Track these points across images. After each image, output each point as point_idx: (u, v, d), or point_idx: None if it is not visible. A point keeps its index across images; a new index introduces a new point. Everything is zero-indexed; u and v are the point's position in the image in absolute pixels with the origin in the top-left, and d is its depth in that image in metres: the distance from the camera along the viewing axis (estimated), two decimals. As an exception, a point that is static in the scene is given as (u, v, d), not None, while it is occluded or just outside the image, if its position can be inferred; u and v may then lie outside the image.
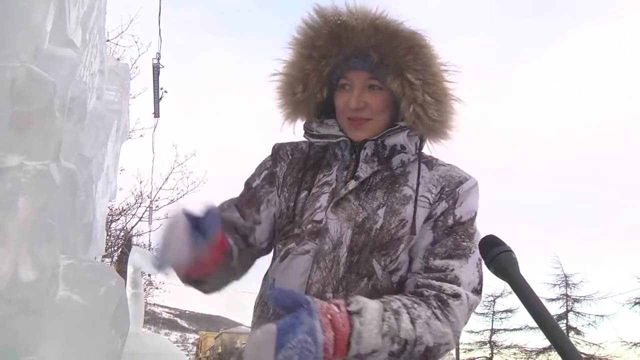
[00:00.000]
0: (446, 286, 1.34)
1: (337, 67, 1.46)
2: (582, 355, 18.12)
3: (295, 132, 1.56)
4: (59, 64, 1.56)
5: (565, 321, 18.78)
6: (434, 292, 1.33)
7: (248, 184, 1.58)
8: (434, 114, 1.41)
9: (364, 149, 1.46)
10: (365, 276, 1.38)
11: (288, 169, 1.55)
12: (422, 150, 1.50)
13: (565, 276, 19.93)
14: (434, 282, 1.35)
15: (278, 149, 1.60)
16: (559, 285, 19.76)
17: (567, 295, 19.64)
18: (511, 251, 1.07)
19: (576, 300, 19.65)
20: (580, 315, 19.32)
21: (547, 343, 19.26)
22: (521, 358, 20.14)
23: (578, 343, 18.67)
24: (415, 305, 1.29)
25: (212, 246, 1.23)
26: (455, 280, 1.36)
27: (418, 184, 1.44)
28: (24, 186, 1.29)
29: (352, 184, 1.43)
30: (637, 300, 18.11)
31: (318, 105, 1.52)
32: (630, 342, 18.28)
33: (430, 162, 1.50)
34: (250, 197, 1.54)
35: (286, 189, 1.51)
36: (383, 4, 1.41)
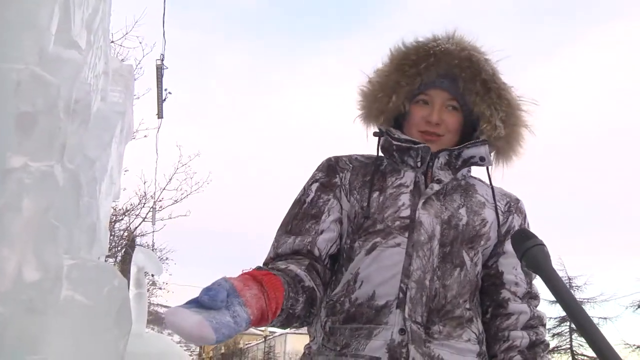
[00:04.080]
0: (544, 316, 1.55)
1: (420, 85, 1.60)
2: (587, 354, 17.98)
3: (367, 135, 1.69)
4: (63, 66, 1.57)
5: (568, 323, 18.74)
6: (544, 330, 1.53)
7: (299, 201, 1.64)
8: (509, 136, 1.57)
9: (438, 158, 1.59)
10: (458, 266, 1.48)
11: (352, 176, 1.64)
12: (492, 164, 1.64)
13: (569, 278, 19.91)
14: (540, 312, 1.54)
15: (337, 161, 1.70)
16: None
17: (571, 298, 19.60)
18: (543, 245, 1.08)
19: (580, 302, 19.62)
20: (583, 317, 19.27)
21: (550, 345, 19.21)
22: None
23: (582, 345, 18.64)
24: (548, 357, 1.51)
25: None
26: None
27: (494, 193, 1.60)
28: (28, 187, 1.30)
29: (436, 186, 1.56)
30: (641, 303, 18.07)
31: (395, 116, 1.66)
32: (634, 345, 18.25)
33: (483, 182, 1.65)
34: (306, 212, 1.60)
35: (356, 192, 1.61)
36: (476, 35, 1.62)
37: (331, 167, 1.67)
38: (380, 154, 1.67)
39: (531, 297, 1.53)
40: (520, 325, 1.50)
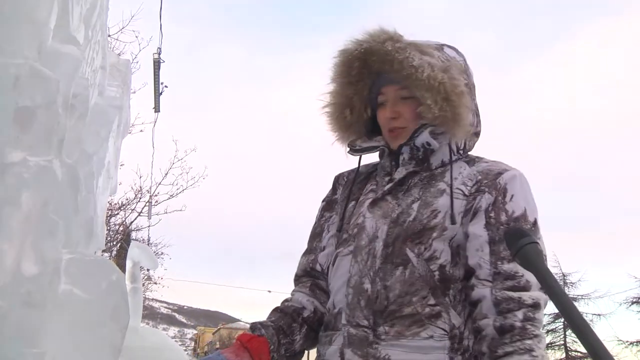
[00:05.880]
0: (525, 297, 1.36)
1: (373, 86, 1.60)
2: (582, 353, 18.09)
3: (346, 154, 1.70)
4: (62, 61, 1.57)
5: (562, 319, 18.82)
6: (520, 314, 1.34)
7: (314, 222, 1.73)
8: (444, 113, 1.50)
9: (401, 154, 1.57)
10: (400, 265, 1.44)
11: (342, 189, 1.70)
12: (453, 146, 1.58)
13: (564, 275, 19.98)
14: (511, 293, 1.37)
15: (337, 178, 1.75)
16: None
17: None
18: (537, 243, 1.09)
19: (574, 299, 19.69)
20: (577, 314, 19.32)
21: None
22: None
23: (575, 341, 18.75)
24: (528, 343, 1.32)
25: None
26: (528, 286, 1.38)
27: (451, 177, 1.51)
28: (27, 182, 1.31)
29: (388, 185, 1.55)
30: (634, 300, 18.18)
31: (366, 124, 1.67)
32: (627, 341, 18.36)
33: (473, 160, 1.60)
34: (314, 231, 1.72)
35: (339, 205, 1.67)
36: (397, 22, 1.62)
37: (333, 185, 1.74)
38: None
39: (504, 277, 1.39)
40: (486, 311, 1.39)
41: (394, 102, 1.56)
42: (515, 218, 1.45)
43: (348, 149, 1.67)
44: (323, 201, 1.74)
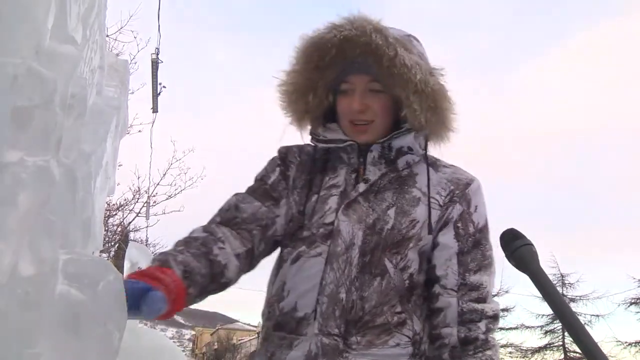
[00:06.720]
0: (487, 308, 1.43)
1: (340, 73, 1.51)
2: (579, 353, 18.14)
3: (302, 137, 1.62)
4: (60, 61, 1.57)
5: (560, 321, 18.81)
6: (482, 326, 1.41)
7: (261, 179, 1.59)
8: (432, 119, 1.45)
9: (371, 152, 1.50)
10: (379, 275, 1.42)
11: (297, 172, 1.58)
12: (427, 151, 1.54)
13: (562, 276, 19.98)
14: (476, 305, 1.42)
15: (286, 153, 1.63)
16: (555, 284, 19.79)
17: (563, 295, 19.67)
18: (532, 245, 1.09)
19: (572, 300, 19.69)
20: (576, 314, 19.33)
21: (542, 342, 19.32)
22: (517, 357, 20.22)
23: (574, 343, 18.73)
24: (488, 354, 1.40)
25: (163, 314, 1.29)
26: (489, 297, 1.45)
27: (429, 186, 1.49)
28: (25, 182, 1.30)
29: (362, 187, 1.48)
30: (633, 301, 18.18)
31: (324, 110, 1.57)
32: (626, 342, 18.36)
33: (435, 164, 1.55)
34: (265, 191, 1.56)
35: (296, 192, 1.55)
36: (381, 10, 1.49)
37: (282, 159, 1.62)
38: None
39: (469, 289, 1.43)
40: (450, 321, 1.42)
41: (363, 93, 1.48)
42: (480, 229, 1.49)
43: (310, 137, 1.60)
44: (278, 166, 1.60)
